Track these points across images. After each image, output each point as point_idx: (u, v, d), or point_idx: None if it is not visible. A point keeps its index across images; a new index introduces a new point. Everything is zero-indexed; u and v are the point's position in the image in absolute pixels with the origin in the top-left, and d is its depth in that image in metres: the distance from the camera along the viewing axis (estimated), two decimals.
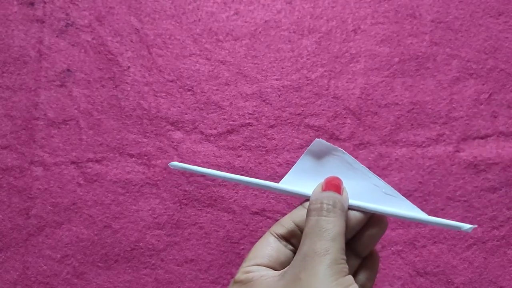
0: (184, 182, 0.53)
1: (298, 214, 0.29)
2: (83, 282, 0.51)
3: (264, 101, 0.54)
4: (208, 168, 0.53)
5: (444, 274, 0.51)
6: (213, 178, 0.52)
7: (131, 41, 0.55)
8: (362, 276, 0.29)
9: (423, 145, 0.53)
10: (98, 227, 0.52)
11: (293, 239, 0.29)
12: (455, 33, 0.55)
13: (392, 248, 0.51)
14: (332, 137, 0.53)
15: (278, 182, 0.31)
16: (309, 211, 0.27)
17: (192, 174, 0.52)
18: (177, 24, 0.56)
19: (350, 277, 0.24)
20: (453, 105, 0.53)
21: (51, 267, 0.51)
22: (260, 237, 0.29)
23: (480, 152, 0.52)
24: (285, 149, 0.53)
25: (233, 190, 0.52)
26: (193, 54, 0.55)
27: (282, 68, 0.55)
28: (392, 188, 0.29)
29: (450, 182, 0.52)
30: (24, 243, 0.52)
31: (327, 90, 0.54)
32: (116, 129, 0.54)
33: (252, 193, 0.52)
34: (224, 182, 0.52)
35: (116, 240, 0.52)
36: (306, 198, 0.30)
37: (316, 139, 0.30)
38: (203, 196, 0.52)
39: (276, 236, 0.29)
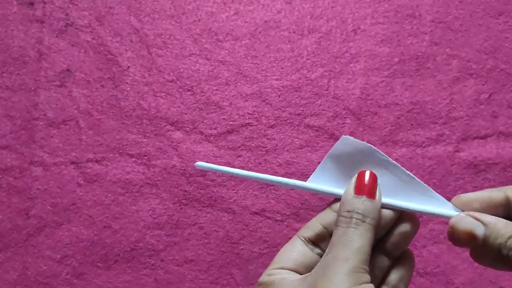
0: (184, 182, 0.52)
1: (326, 217, 0.29)
2: (83, 283, 0.51)
3: (264, 101, 0.54)
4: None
5: (444, 274, 0.51)
6: (212, 179, 0.52)
7: (131, 41, 0.55)
8: (394, 276, 0.28)
9: (423, 145, 0.53)
10: (98, 227, 0.52)
11: (321, 242, 0.28)
12: (455, 33, 0.55)
13: None
14: (332, 137, 0.53)
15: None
16: (338, 221, 0.27)
17: (192, 174, 0.52)
18: (177, 24, 0.56)
19: (370, 285, 0.24)
20: (453, 105, 0.53)
21: (50, 268, 0.51)
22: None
23: (480, 152, 0.52)
24: (285, 149, 0.53)
25: (233, 190, 0.52)
26: (193, 54, 0.55)
27: (282, 68, 0.55)
28: (425, 184, 0.28)
29: (450, 182, 0.52)
30: (24, 243, 0.52)
31: (327, 90, 0.54)
32: (116, 129, 0.54)
33: (252, 193, 0.52)
34: (224, 182, 0.52)
35: (116, 240, 0.52)
36: (336, 198, 0.29)
37: (343, 135, 0.29)
38: (203, 196, 0.52)
39: (303, 239, 0.28)
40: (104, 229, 0.52)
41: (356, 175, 0.28)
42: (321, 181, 0.29)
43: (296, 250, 0.28)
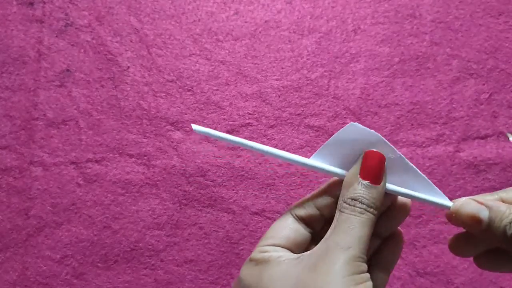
0: (184, 182, 0.52)
1: (321, 201, 0.28)
2: (82, 283, 0.51)
3: (264, 101, 0.54)
4: (208, 167, 0.53)
5: (444, 274, 0.51)
6: (212, 179, 0.52)
7: (131, 41, 0.55)
8: (383, 256, 0.29)
9: (423, 145, 0.53)
10: (97, 227, 0.52)
11: (313, 223, 0.28)
12: (455, 33, 0.55)
13: None
14: None
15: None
16: (341, 206, 0.26)
17: (192, 174, 0.52)
18: (177, 24, 0.56)
19: (367, 275, 0.24)
20: (453, 105, 0.53)
21: (50, 268, 0.51)
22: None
23: (480, 152, 0.52)
24: (285, 149, 0.53)
25: (233, 190, 0.52)
26: (193, 54, 0.55)
27: (282, 68, 0.55)
28: (428, 179, 0.28)
29: (450, 182, 0.52)
30: (24, 243, 0.52)
31: (327, 90, 0.54)
32: (115, 129, 0.53)
33: (252, 193, 0.52)
34: (224, 182, 0.52)
35: (115, 240, 0.52)
36: (335, 181, 0.28)
37: (351, 122, 0.28)
38: (203, 196, 0.52)
39: (296, 217, 0.28)
40: (104, 229, 0.52)
41: (363, 155, 0.27)
42: (324, 160, 0.29)
43: (288, 227, 0.28)
